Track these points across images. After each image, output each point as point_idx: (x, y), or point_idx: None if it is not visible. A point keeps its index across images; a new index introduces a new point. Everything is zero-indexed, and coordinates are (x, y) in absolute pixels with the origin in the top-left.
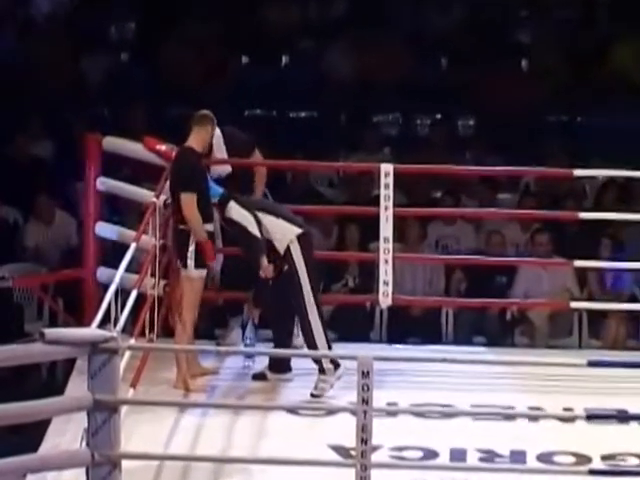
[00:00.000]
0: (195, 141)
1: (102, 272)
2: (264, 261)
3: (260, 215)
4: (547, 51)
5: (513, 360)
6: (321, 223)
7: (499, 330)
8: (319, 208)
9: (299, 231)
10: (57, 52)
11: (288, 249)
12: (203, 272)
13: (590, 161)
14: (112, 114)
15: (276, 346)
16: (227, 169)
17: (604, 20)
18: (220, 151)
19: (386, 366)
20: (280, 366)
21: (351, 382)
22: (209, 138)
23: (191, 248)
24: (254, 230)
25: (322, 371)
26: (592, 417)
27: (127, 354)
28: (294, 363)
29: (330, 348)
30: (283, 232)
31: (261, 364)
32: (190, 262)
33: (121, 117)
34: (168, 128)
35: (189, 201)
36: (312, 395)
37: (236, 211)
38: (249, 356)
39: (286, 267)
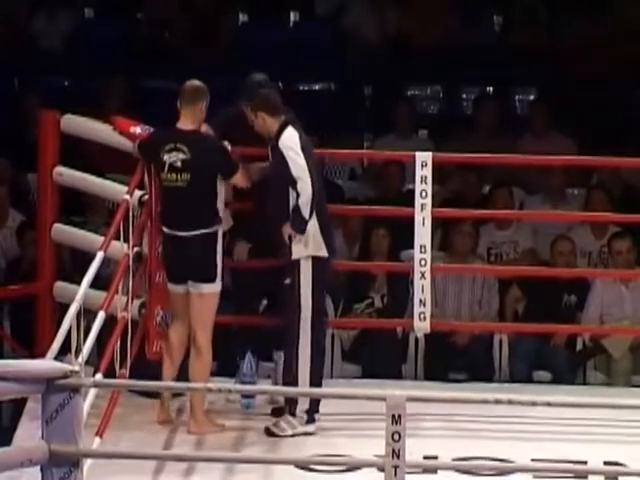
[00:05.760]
0: (194, 123)
1: (60, 288)
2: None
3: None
4: (637, 5)
5: (585, 402)
6: (340, 226)
7: (567, 364)
8: (338, 208)
9: (323, 255)
10: (4, 8)
11: (298, 262)
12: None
13: None
14: (74, 86)
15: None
16: None
17: None
18: None
19: (423, 409)
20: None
21: (378, 429)
22: (204, 117)
23: (219, 256)
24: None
25: (292, 415)
26: None
27: (92, 393)
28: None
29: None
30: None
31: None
32: (219, 273)
33: (85, 90)
34: (145, 105)
35: (242, 177)
36: (267, 430)
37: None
38: (248, 395)
39: (288, 280)
